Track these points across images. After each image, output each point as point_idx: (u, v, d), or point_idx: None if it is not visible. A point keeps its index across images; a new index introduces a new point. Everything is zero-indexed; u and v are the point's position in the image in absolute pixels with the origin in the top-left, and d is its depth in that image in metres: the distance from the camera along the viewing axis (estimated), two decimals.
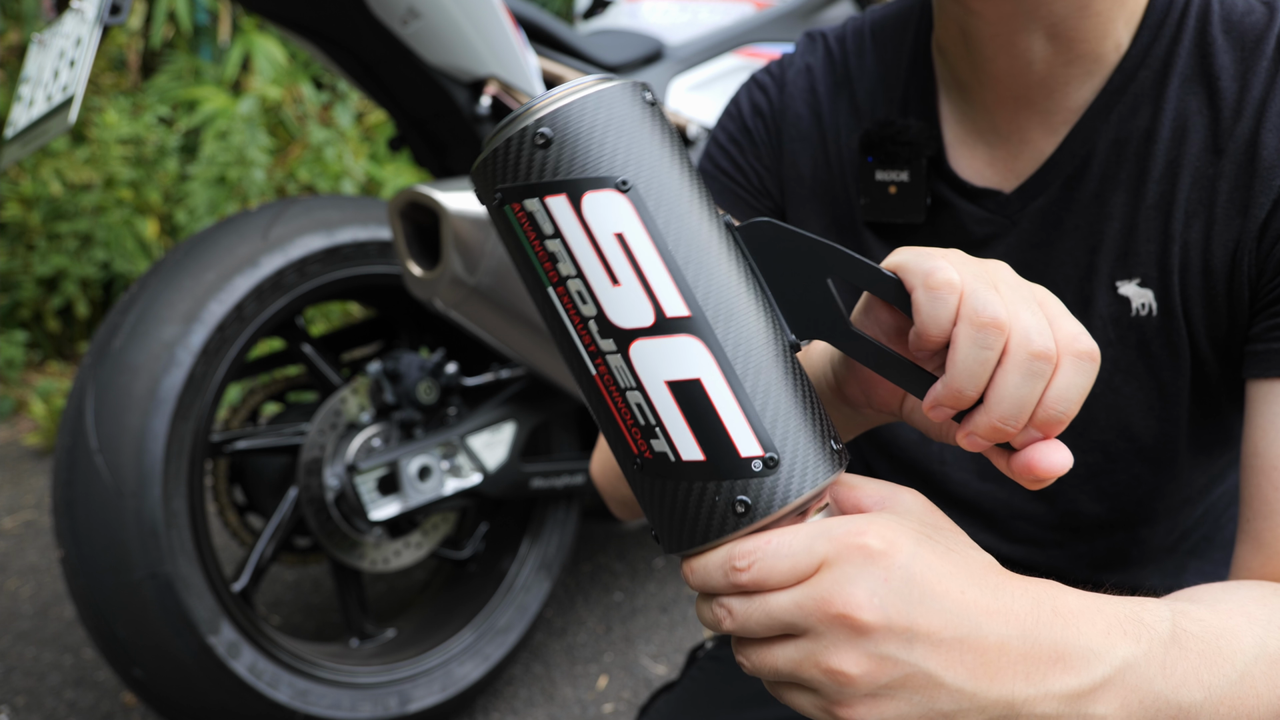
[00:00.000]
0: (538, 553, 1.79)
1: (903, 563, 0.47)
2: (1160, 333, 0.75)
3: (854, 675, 0.46)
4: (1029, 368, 0.48)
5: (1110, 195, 0.74)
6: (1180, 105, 0.72)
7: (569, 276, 0.48)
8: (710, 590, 0.49)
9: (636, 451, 0.49)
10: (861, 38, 0.88)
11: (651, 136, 0.49)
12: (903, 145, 0.81)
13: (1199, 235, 0.71)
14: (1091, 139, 0.75)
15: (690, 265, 0.48)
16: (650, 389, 0.47)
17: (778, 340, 0.50)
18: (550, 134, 0.47)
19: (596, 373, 0.49)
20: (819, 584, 0.47)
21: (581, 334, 0.48)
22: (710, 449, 0.47)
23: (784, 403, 0.48)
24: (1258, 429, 0.69)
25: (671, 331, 0.47)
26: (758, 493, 0.47)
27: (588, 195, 0.47)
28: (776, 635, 0.48)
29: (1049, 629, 0.49)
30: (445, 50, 1.55)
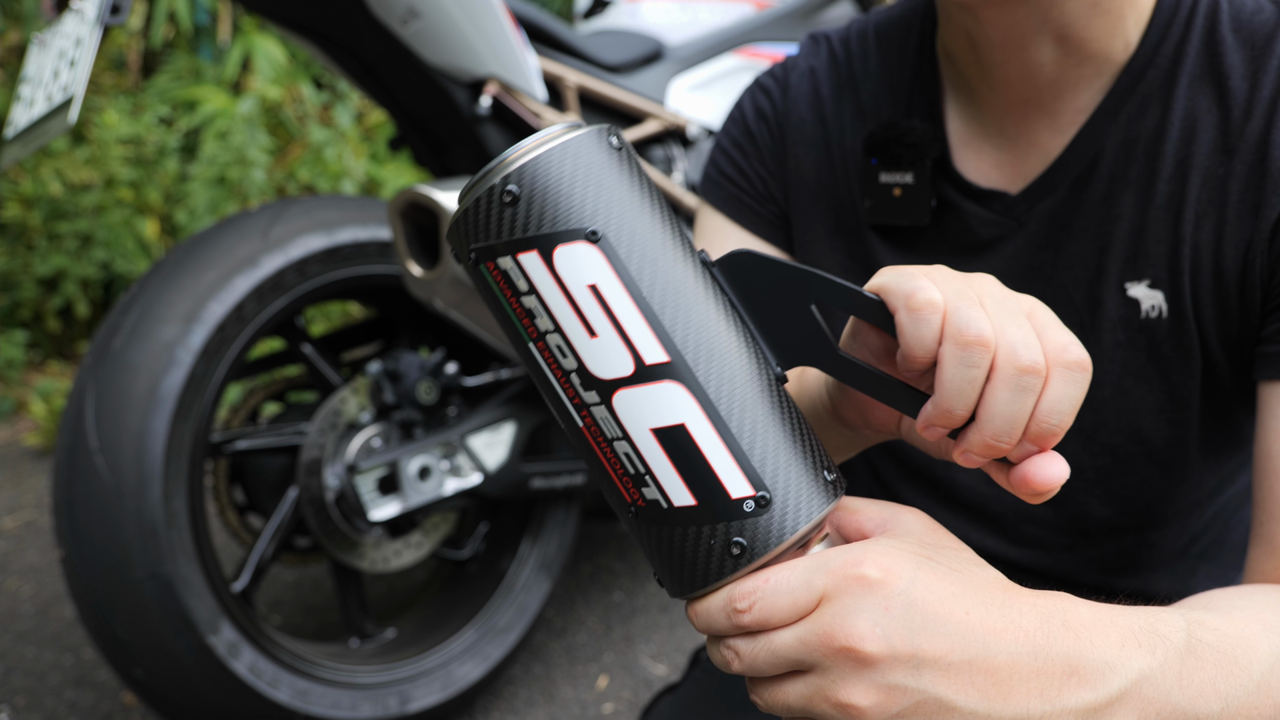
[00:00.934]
0: (538, 553, 1.79)
1: (902, 589, 0.46)
2: (1171, 335, 0.74)
3: (864, 707, 0.46)
4: (1017, 383, 0.47)
5: (1119, 196, 0.74)
6: (1189, 105, 0.71)
7: (547, 331, 0.48)
8: (715, 633, 0.50)
9: (630, 500, 0.49)
10: (865, 40, 0.88)
11: (619, 183, 0.49)
12: (907, 147, 0.80)
13: (1210, 236, 0.71)
14: (1100, 140, 0.74)
15: (667, 310, 0.48)
16: (636, 438, 0.47)
17: (762, 375, 0.49)
18: (517, 191, 0.47)
19: (583, 424, 0.49)
20: (820, 619, 0.47)
21: (565, 387, 0.48)
22: (701, 493, 0.47)
23: (772, 439, 0.48)
24: (1269, 431, 0.69)
25: (652, 379, 0.47)
26: (753, 533, 0.47)
27: (559, 249, 0.47)
28: (786, 672, 0.48)
29: (1060, 643, 0.48)
30: (445, 50, 1.55)
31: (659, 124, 1.88)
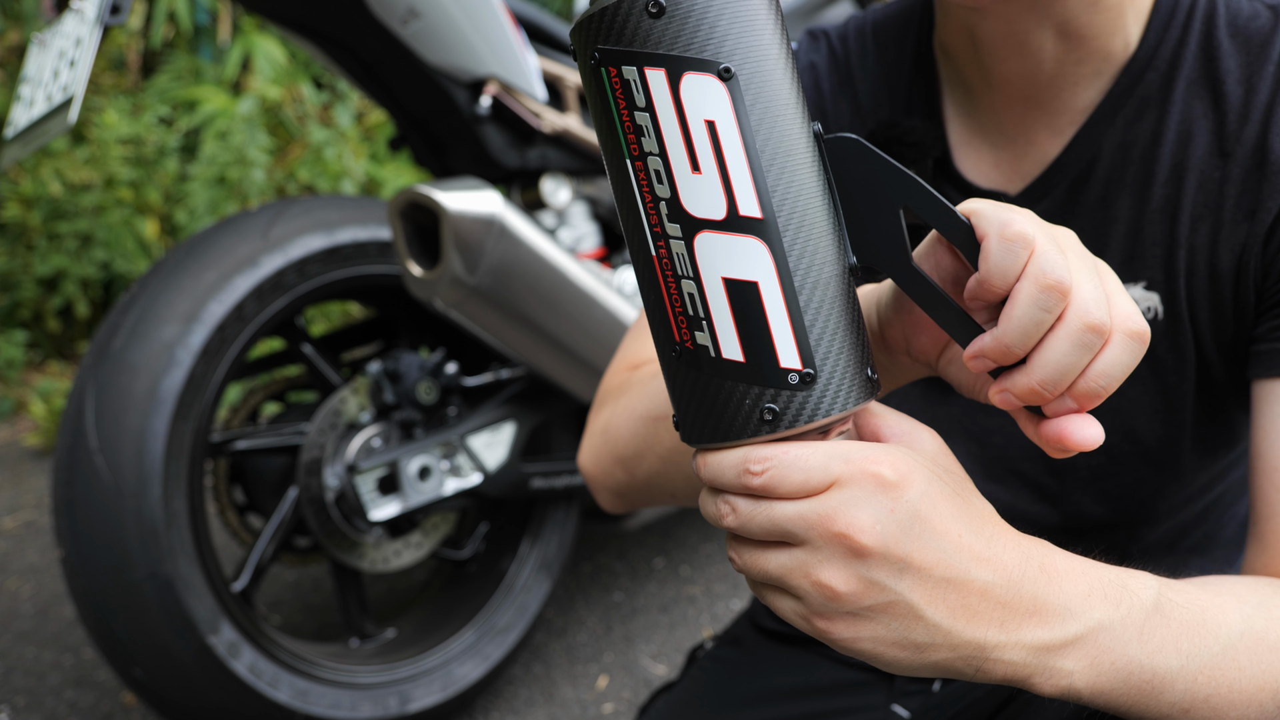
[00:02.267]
0: (538, 553, 1.79)
1: (911, 498, 0.48)
2: (1166, 336, 0.75)
3: (841, 592, 0.48)
4: (1081, 338, 0.48)
5: (1115, 199, 0.74)
6: (1186, 109, 0.71)
7: (650, 153, 0.47)
8: (719, 486, 0.50)
9: (679, 339, 0.49)
10: (863, 37, 0.88)
11: (764, 29, 0.48)
12: (909, 146, 0.80)
13: (1205, 239, 0.71)
14: (1097, 142, 0.74)
15: (773, 168, 0.47)
16: (706, 282, 0.47)
17: (840, 259, 0.50)
18: (665, 3, 0.46)
19: (655, 254, 0.48)
20: (827, 501, 0.48)
21: (650, 213, 0.48)
22: (751, 352, 0.47)
23: (833, 322, 0.49)
24: (1261, 430, 0.69)
25: (740, 230, 0.47)
26: (788, 404, 0.48)
27: (688, 75, 0.46)
28: (773, 541, 0.49)
29: (1032, 583, 0.50)
30: (445, 50, 1.55)
31: None
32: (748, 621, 1.04)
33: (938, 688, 0.90)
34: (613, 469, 0.84)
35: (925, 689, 0.91)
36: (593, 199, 1.82)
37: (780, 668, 0.95)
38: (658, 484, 0.80)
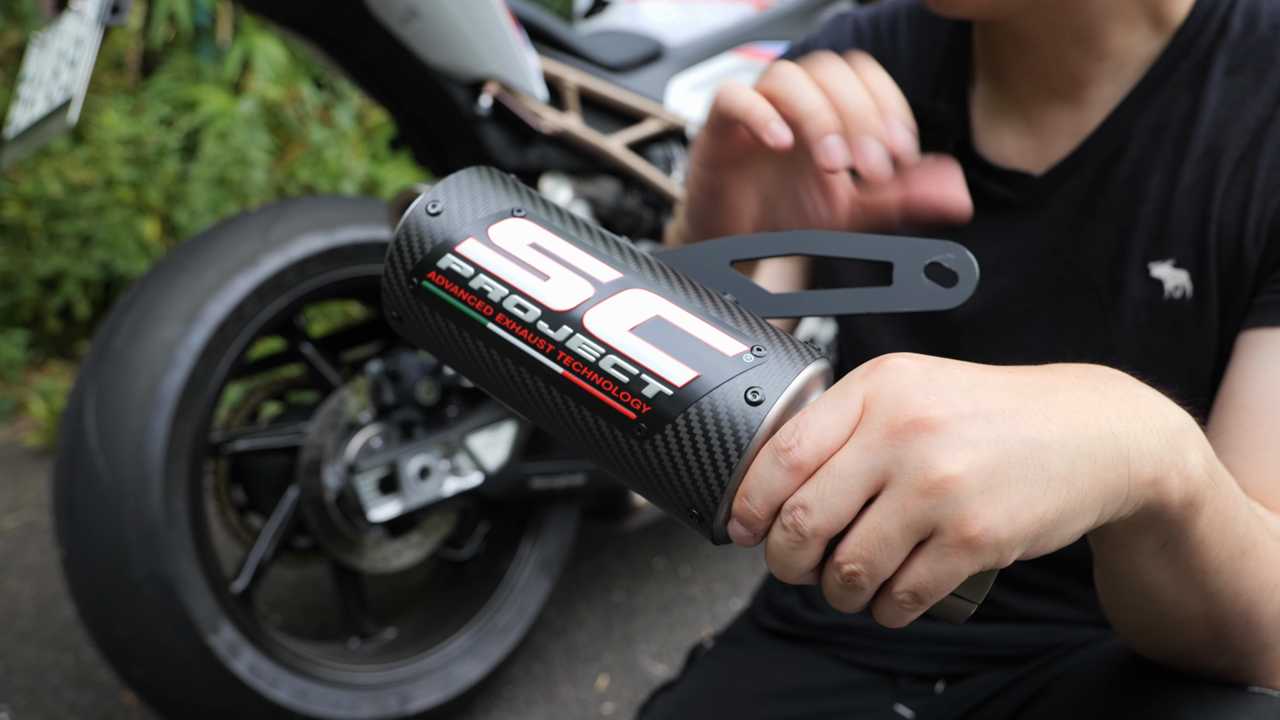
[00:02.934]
0: (538, 553, 1.79)
1: (934, 365, 0.45)
2: (1193, 315, 0.75)
3: (959, 473, 0.42)
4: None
5: (1146, 179, 0.76)
6: (1224, 94, 0.73)
7: (502, 299, 0.51)
8: (773, 498, 0.45)
9: (635, 415, 0.48)
10: (896, 20, 0.90)
11: (518, 187, 0.55)
12: (932, 129, 0.82)
13: (1234, 214, 0.72)
14: (1128, 125, 0.76)
15: (600, 247, 0.52)
16: (619, 343, 0.49)
17: (708, 291, 0.52)
18: (440, 201, 0.53)
19: (564, 369, 0.49)
20: (872, 415, 0.44)
21: (535, 341, 0.50)
22: (699, 363, 0.48)
23: (741, 317, 0.50)
24: (1237, 372, 0.71)
25: (613, 292, 0.50)
26: (763, 378, 0.47)
27: (491, 229, 0.52)
28: (862, 506, 0.44)
29: (1113, 382, 0.48)
30: (445, 50, 1.55)
31: (659, 124, 1.88)
32: (748, 621, 1.04)
33: (941, 688, 0.90)
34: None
35: (929, 689, 0.91)
36: (593, 199, 1.82)
37: (782, 668, 0.95)
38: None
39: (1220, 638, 0.58)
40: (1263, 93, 0.72)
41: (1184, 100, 0.75)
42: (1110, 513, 0.46)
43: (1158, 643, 0.62)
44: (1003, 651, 0.89)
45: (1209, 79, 0.74)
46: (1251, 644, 0.58)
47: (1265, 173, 0.71)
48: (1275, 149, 0.71)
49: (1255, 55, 0.73)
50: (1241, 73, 0.73)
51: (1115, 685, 0.68)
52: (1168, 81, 0.75)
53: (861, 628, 0.94)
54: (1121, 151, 0.76)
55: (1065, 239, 0.79)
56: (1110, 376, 0.49)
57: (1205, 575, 0.54)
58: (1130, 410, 0.47)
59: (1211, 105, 0.73)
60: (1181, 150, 0.74)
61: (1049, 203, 0.79)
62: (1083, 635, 0.86)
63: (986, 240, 0.82)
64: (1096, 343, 0.79)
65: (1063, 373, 0.48)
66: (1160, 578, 0.54)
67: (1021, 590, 0.89)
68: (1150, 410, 0.48)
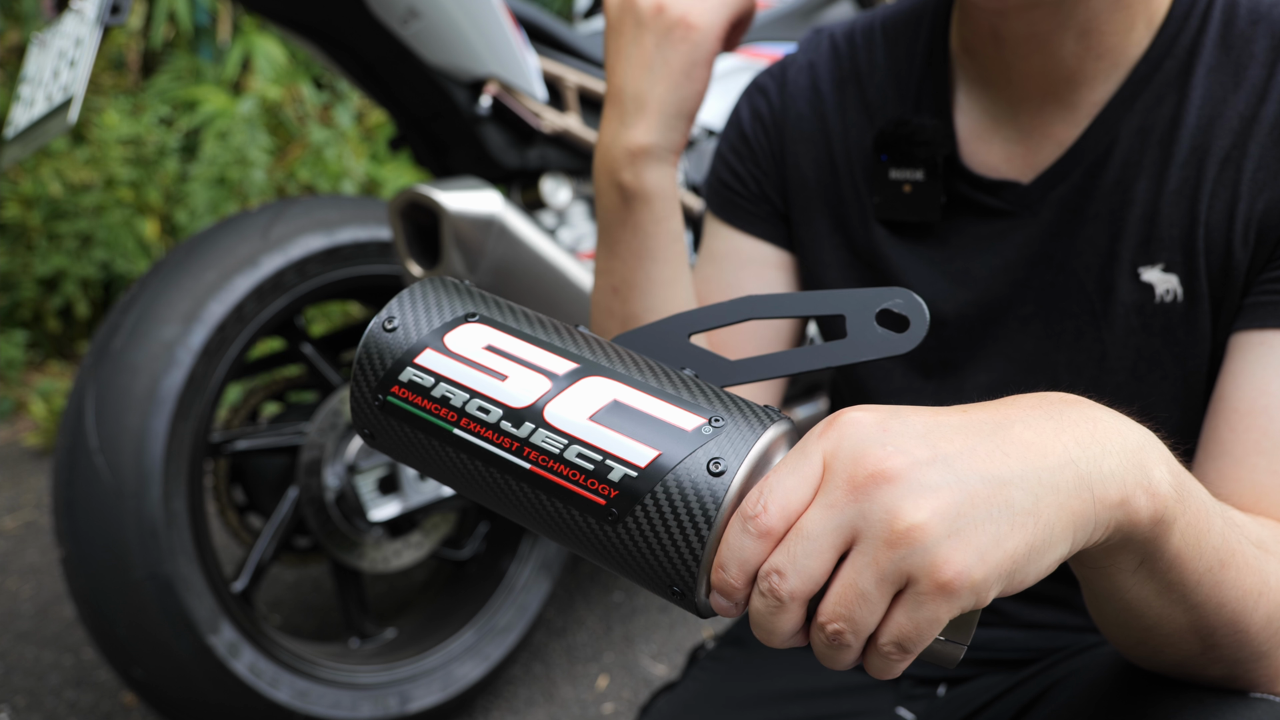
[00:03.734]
0: (538, 553, 1.79)
1: (887, 415, 0.46)
2: (1185, 319, 0.75)
3: (923, 520, 0.42)
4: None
5: (1133, 182, 0.75)
6: (1206, 93, 0.73)
7: (464, 404, 0.52)
8: (747, 566, 0.46)
9: (604, 501, 0.49)
10: (871, 34, 0.89)
11: (470, 291, 0.57)
12: (919, 145, 0.81)
13: (1222, 216, 0.72)
14: (1115, 128, 0.76)
15: (555, 340, 0.54)
16: (580, 432, 0.50)
17: (666, 369, 0.53)
18: (395, 317, 0.54)
19: (531, 464, 0.50)
20: (834, 475, 0.44)
21: (500, 440, 0.51)
22: (660, 441, 0.49)
23: (698, 390, 0.51)
24: (1229, 375, 0.70)
25: (570, 382, 0.51)
26: (723, 448, 0.48)
27: (447, 337, 0.54)
28: (835, 565, 0.45)
29: (1068, 408, 0.48)
30: (445, 50, 1.55)
31: None
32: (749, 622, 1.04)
33: (943, 691, 0.90)
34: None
35: (930, 692, 0.91)
36: (593, 199, 1.82)
37: (783, 669, 0.95)
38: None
39: (1210, 648, 0.58)
40: (1244, 90, 0.72)
41: (1169, 101, 0.74)
42: (1082, 540, 0.46)
43: (1150, 654, 0.62)
44: (1004, 655, 0.88)
45: (1192, 78, 0.73)
46: (1243, 652, 0.58)
47: (1250, 173, 0.71)
48: (1259, 148, 0.71)
49: (1234, 51, 0.73)
50: (1222, 70, 0.73)
51: (1116, 690, 0.67)
52: (1152, 82, 0.74)
53: None
54: (1109, 155, 0.76)
55: (1056, 245, 0.79)
56: (1065, 402, 0.49)
57: (1186, 589, 0.54)
58: (1088, 435, 0.47)
59: (1195, 105, 0.73)
60: (1168, 153, 0.74)
61: (1039, 210, 0.79)
62: (1084, 640, 0.85)
63: (978, 250, 0.82)
64: (1090, 349, 0.79)
65: (1017, 405, 0.48)
66: (1142, 594, 0.54)
67: (1024, 599, 0.88)
68: (1108, 432, 0.48)
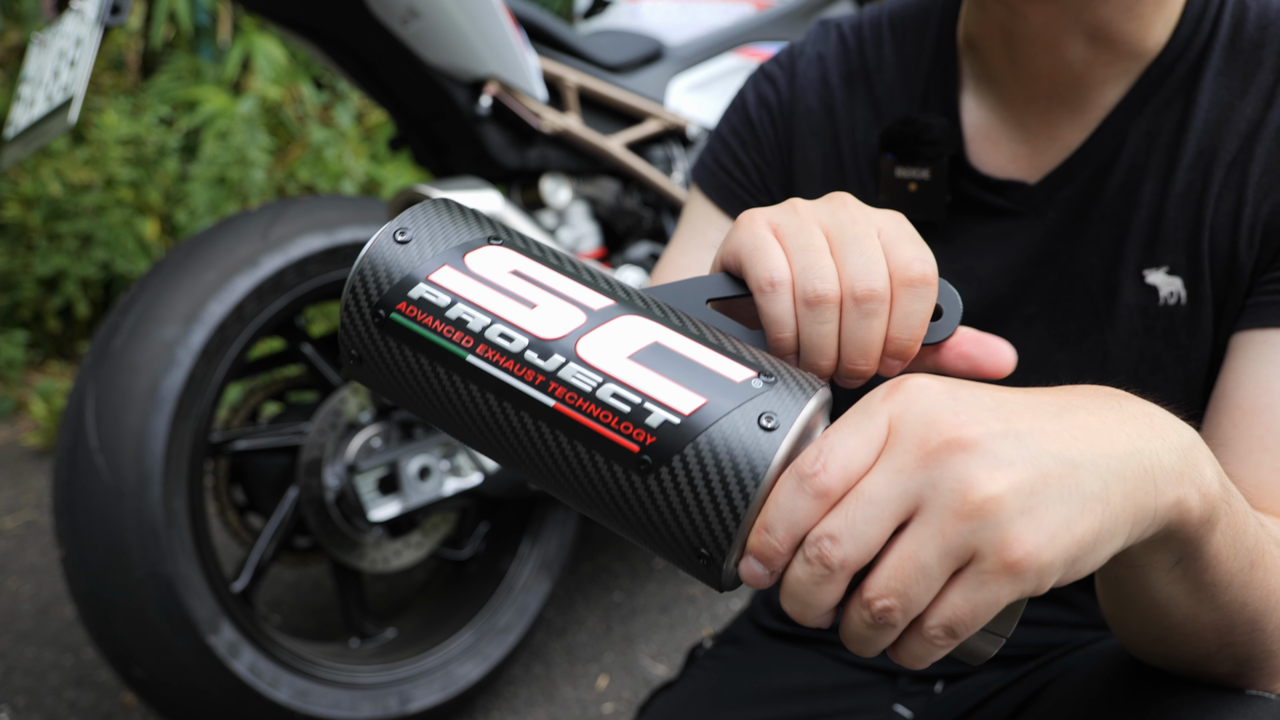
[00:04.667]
0: (538, 553, 1.79)
1: (955, 386, 0.43)
2: (1188, 322, 0.75)
3: (999, 493, 0.40)
4: (859, 310, 0.50)
5: (1139, 185, 0.75)
6: (1214, 98, 0.73)
7: (484, 328, 0.47)
8: (796, 529, 0.42)
9: (638, 447, 0.44)
10: (879, 29, 0.88)
11: (488, 219, 0.52)
12: (925, 144, 0.81)
13: (1227, 219, 0.72)
14: (1123, 131, 0.76)
15: (586, 276, 0.49)
16: (617, 371, 0.45)
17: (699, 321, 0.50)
18: (409, 228, 0.49)
19: (556, 401, 0.45)
20: (901, 436, 0.41)
21: (521, 373, 0.46)
22: (707, 389, 0.44)
23: (741, 346, 0.48)
24: (1231, 373, 0.71)
25: (607, 319, 0.47)
26: (775, 405, 0.44)
27: (468, 256, 0.49)
28: (893, 533, 0.41)
29: (1125, 401, 0.48)
30: (445, 50, 1.55)
31: (659, 124, 1.88)
32: (748, 621, 1.04)
33: (940, 688, 0.90)
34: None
35: (928, 689, 0.91)
36: (593, 199, 1.82)
37: (781, 668, 0.95)
38: None
39: (1226, 645, 0.58)
40: (1252, 95, 0.72)
41: (1177, 104, 0.74)
42: (1138, 534, 0.45)
43: (1165, 653, 0.62)
44: (1002, 652, 0.89)
45: (1201, 82, 0.73)
46: (1256, 650, 0.58)
47: (1257, 177, 0.71)
48: (1266, 152, 0.71)
49: (1243, 57, 0.73)
50: (1231, 75, 0.73)
51: (1112, 687, 0.68)
52: (1163, 85, 0.75)
53: None
54: (1115, 158, 0.76)
55: (1061, 246, 0.79)
56: (1119, 395, 0.48)
57: (1216, 589, 0.53)
58: (1147, 428, 0.46)
59: (1203, 109, 0.73)
60: (1174, 156, 0.74)
61: (1044, 211, 0.79)
62: (1080, 637, 0.86)
63: (983, 249, 0.82)
64: (1092, 350, 0.79)
65: (1077, 392, 0.47)
66: (1172, 594, 0.54)
67: None
68: (1164, 428, 0.47)
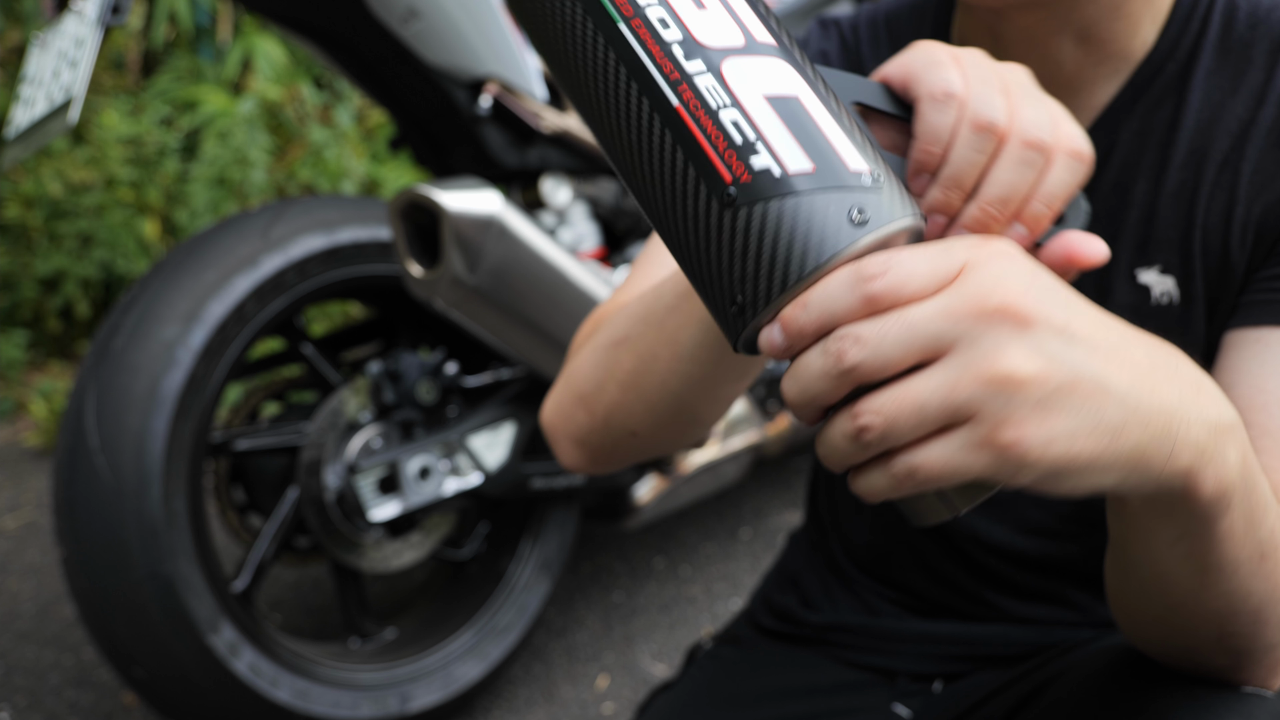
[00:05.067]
0: (538, 553, 1.79)
1: (1038, 267, 0.44)
2: (1180, 321, 0.75)
3: (1026, 376, 0.40)
4: (1022, 155, 0.49)
5: (1131, 184, 0.75)
6: (1205, 97, 0.73)
7: (649, 4, 0.46)
8: (829, 320, 0.42)
9: (731, 179, 0.44)
10: (876, 27, 0.88)
11: None
12: None
13: (1219, 219, 0.72)
14: (1115, 131, 0.76)
15: (763, 7, 0.48)
16: (748, 103, 0.44)
17: (843, 102, 0.49)
18: None
19: (680, 101, 0.45)
20: (967, 283, 0.41)
21: (663, 62, 0.45)
22: (819, 159, 0.44)
23: (868, 141, 0.47)
24: (1224, 371, 0.70)
25: (763, 53, 0.46)
26: (873, 206, 0.43)
27: None
28: (912, 365, 0.42)
29: (1183, 361, 0.48)
30: (445, 50, 1.56)
31: None
32: (747, 621, 1.04)
33: (938, 688, 0.91)
34: (573, 411, 0.81)
35: (926, 689, 0.91)
36: (593, 199, 1.82)
37: (780, 667, 0.96)
38: (618, 419, 0.76)
39: (1226, 635, 0.58)
40: (1242, 94, 0.72)
41: (1168, 104, 0.74)
42: (1130, 484, 0.45)
43: (1162, 637, 0.62)
44: (1000, 651, 0.89)
45: (1191, 81, 0.73)
46: (1256, 643, 0.59)
47: (1248, 176, 0.71)
48: (1257, 152, 0.71)
49: (1233, 55, 0.73)
50: (1221, 73, 0.73)
51: (1111, 685, 0.68)
52: (1153, 85, 0.74)
53: (859, 627, 0.94)
54: (1108, 157, 0.76)
55: None
56: (1180, 356, 0.49)
57: (1221, 573, 0.53)
58: (1191, 396, 0.46)
59: (1194, 108, 0.73)
60: (1166, 155, 0.74)
61: None
62: (1079, 635, 0.86)
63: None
64: None
65: (1143, 334, 0.47)
66: (1175, 570, 0.54)
67: (1019, 596, 0.89)
68: (1208, 400, 0.48)
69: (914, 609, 0.94)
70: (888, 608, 0.94)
